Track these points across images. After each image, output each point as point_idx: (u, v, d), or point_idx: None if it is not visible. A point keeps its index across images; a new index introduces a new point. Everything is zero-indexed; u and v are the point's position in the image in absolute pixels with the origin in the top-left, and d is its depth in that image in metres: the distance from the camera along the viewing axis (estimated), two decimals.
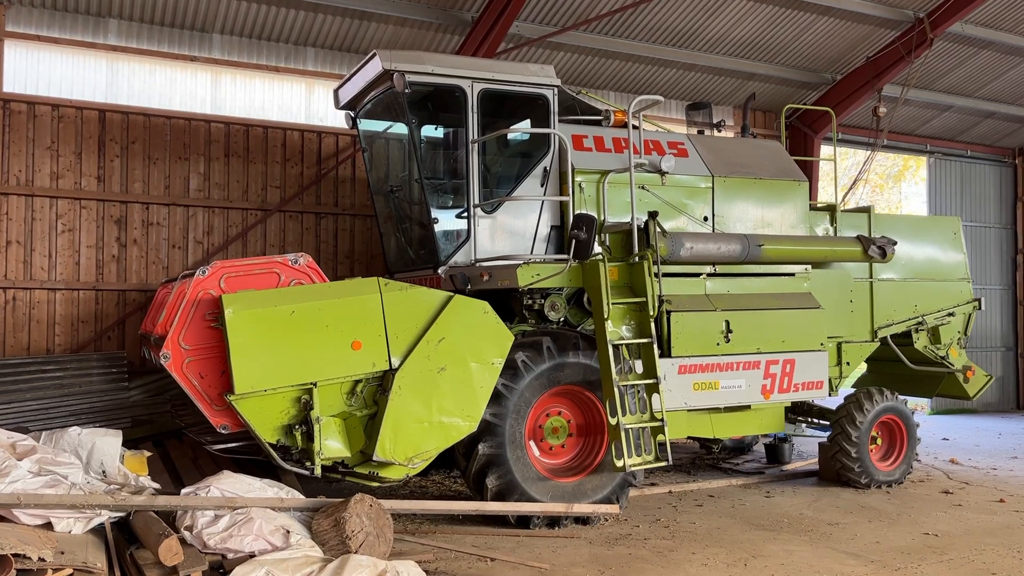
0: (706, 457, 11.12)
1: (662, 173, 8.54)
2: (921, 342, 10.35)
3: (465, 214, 7.99)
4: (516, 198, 7.96)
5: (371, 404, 6.26)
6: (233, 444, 6.31)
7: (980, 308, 10.75)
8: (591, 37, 12.18)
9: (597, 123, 8.92)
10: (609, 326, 7.17)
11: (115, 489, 5.62)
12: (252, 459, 7.15)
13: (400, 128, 9.06)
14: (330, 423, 6.06)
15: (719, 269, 8.73)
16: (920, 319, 10.28)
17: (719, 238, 8.39)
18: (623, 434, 7.06)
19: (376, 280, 6.16)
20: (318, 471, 5.92)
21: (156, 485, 6.02)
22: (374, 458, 6.05)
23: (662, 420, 7.28)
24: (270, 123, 11.27)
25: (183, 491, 5.49)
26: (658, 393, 7.32)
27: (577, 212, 7.28)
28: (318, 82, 11.67)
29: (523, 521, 7.21)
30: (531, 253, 8.15)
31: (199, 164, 10.90)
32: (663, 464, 7.33)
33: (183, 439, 9.81)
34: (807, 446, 11.79)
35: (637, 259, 7.56)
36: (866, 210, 10.19)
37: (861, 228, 10.00)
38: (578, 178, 8.21)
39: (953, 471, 10.38)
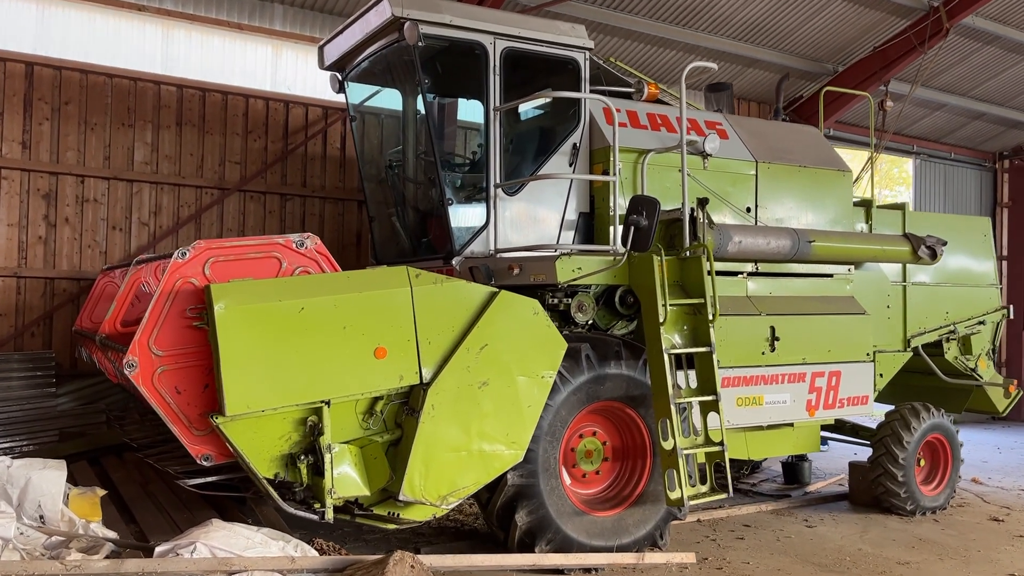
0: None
1: (705, 155, 7.42)
2: (952, 352, 9.51)
3: (484, 196, 6.73)
4: (550, 176, 6.73)
5: (393, 427, 4.96)
6: (215, 478, 4.91)
7: (1010, 317, 10.00)
8: (591, 9, 11.01)
9: (625, 95, 7.78)
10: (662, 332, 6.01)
11: (60, 544, 4.17)
12: (230, 494, 5.74)
13: (396, 95, 7.73)
14: (344, 452, 4.73)
15: (760, 268, 7.67)
16: (952, 327, 9.44)
17: (768, 232, 7.32)
18: (681, 461, 5.91)
19: (405, 270, 4.84)
20: (330, 514, 4.59)
21: (113, 535, 4.58)
22: (400, 497, 4.74)
23: (722, 444, 6.16)
24: (230, 88, 9.76)
25: (158, 549, 4.10)
26: (717, 412, 6.20)
27: (636, 194, 6.09)
28: (287, 44, 10.20)
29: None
30: (557, 243, 6.95)
31: (146, 132, 9.32)
32: (722, 497, 6.21)
33: (123, 456, 8.27)
34: (821, 462, 10.87)
35: (690, 253, 6.43)
36: (901, 207, 9.28)
37: (895, 226, 9.09)
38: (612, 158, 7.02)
39: (984, 493, 9.57)
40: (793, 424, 7.73)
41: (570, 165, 7.03)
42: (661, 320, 5.99)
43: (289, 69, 10.21)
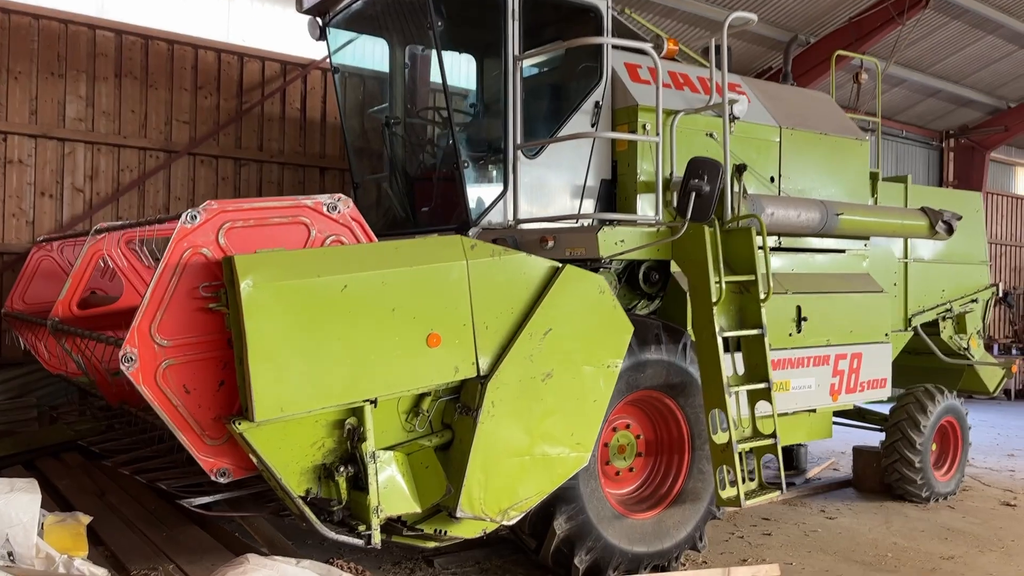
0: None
1: (732, 119, 6.78)
2: (947, 331, 9.22)
3: (501, 159, 5.92)
4: (579, 135, 5.97)
5: (440, 429, 4.14)
6: (222, 495, 3.99)
7: (999, 295, 9.80)
8: None
9: (641, 52, 7.06)
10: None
11: None
12: (242, 514, 4.81)
13: (393, 44, 6.80)
14: (389, 461, 3.88)
15: (782, 243, 7.12)
16: (948, 306, 9.16)
17: (799, 203, 6.74)
18: (737, 457, 5.29)
19: (459, 239, 4.01)
20: (377, 538, 3.75)
21: (104, 572, 3.62)
22: (457, 513, 3.93)
23: (774, 436, 5.57)
24: (177, 36, 8.60)
25: None
26: (769, 400, 5.60)
27: (696, 156, 5.38)
28: None
29: (594, 571, 5.33)
30: (579, 213, 6.22)
31: (79, 84, 8.11)
32: (775, 495, 5.63)
33: (61, 457, 7.15)
34: (812, 447, 10.48)
35: (737, 225, 5.79)
36: (903, 179, 8.90)
37: (898, 199, 8.71)
38: (640, 118, 6.32)
39: (976, 475, 9.36)
40: (816, 410, 7.24)
41: (592, 126, 6.29)
42: (714, 299, 5.33)
43: (244, 17, 9.09)
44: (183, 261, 3.53)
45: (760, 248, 5.65)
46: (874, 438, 9.02)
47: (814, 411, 7.23)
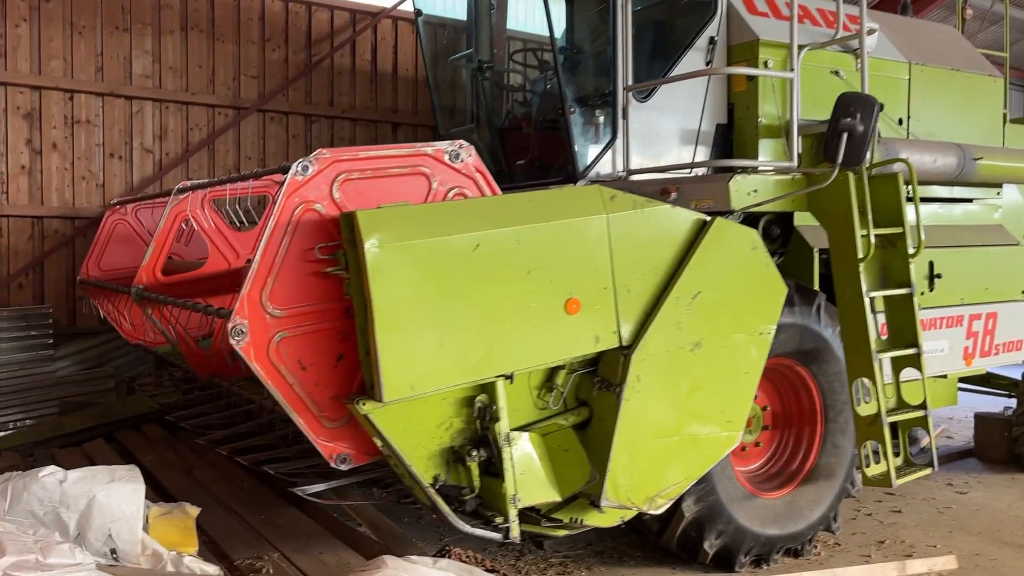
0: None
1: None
2: None
3: (610, 103, 5.36)
4: (699, 73, 5.38)
5: (576, 407, 3.66)
6: (337, 483, 3.57)
7: None
8: None
9: None
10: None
11: None
12: (353, 503, 4.41)
13: None
14: (525, 443, 3.42)
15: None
16: None
17: (934, 148, 6.05)
18: (887, 430, 4.73)
19: (598, 189, 3.48)
20: (516, 531, 3.30)
21: (217, 571, 3.24)
22: (602, 502, 3.46)
23: (924, 407, 5.00)
24: None
25: None
26: (918, 368, 5.01)
27: (847, 92, 4.77)
28: None
29: (724, 562, 4.85)
30: (693, 160, 5.65)
31: (144, 38, 7.70)
32: (927, 472, 5.07)
33: (141, 429, 6.87)
34: None
35: (877, 172, 5.16)
36: None
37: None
38: (761, 54, 5.69)
39: None
40: (947, 376, 6.61)
41: (707, 64, 5.68)
42: (861, 255, 4.74)
43: None
44: (294, 219, 3.06)
45: (911, 200, 5.03)
46: (982, 403, 8.40)
47: (944, 377, 6.61)
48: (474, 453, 3.29)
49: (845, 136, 4.41)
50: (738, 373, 3.86)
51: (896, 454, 5.08)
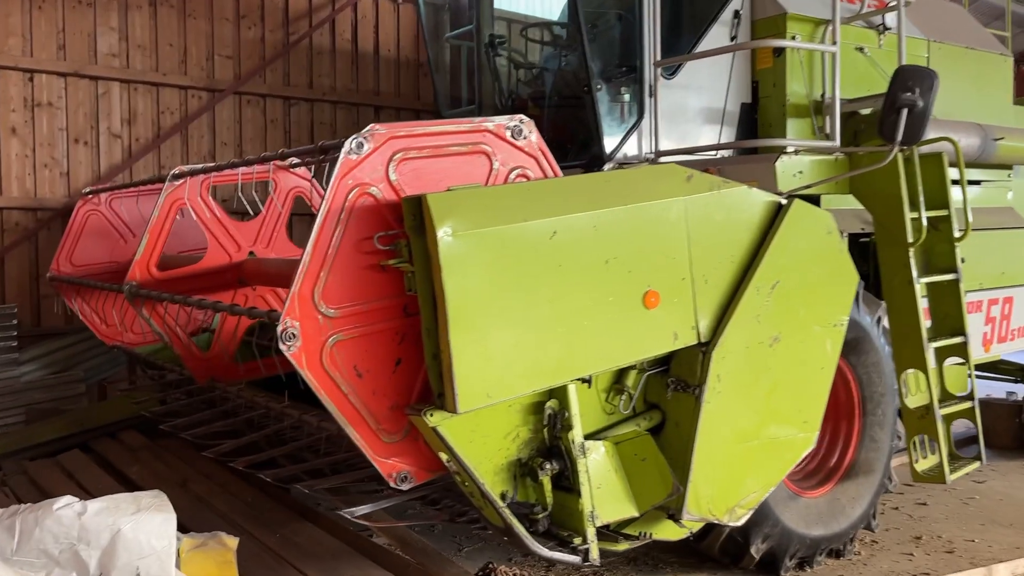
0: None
1: (883, 30, 5.87)
2: None
3: (636, 80, 5.02)
4: (732, 48, 5.06)
5: (645, 410, 3.32)
6: (386, 503, 3.17)
7: None
8: None
9: None
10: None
11: None
12: (411, 524, 4.01)
13: None
14: (600, 453, 3.07)
15: None
16: None
17: (957, 127, 5.85)
18: (940, 424, 4.51)
19: (675, 168, 3.14)
20: (595, 552, 2.95)
21: None
22: (683, 516, 3.13)
23: (971, 398, 4.79)
24: None
25: None
26: (965, 357, 4.80)
27: (904, 64, 4.50)
28: None
29: (768, 566, 4.58)
30: (718, 142, 5.36)
31: (110, 13, 7.12)
32: (975, 467, 4.87)
33: (117, 437, 6.34)
34: None
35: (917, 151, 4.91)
36: None
37: None
38: (789, 28, 5.41)
39: None
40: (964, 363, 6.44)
41: (732, 39, 5.38)
42: (911, 239, 4.49)
43: None
44: (348, 204, 2.66)
45: (956, 182, 4.80)
46: (984, 388, 8.31)
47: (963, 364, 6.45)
48: (547, 466, 2.92)
49: (905, 112, 4.14)
50: (815, 369, 3.57)
51: (933, 450, 4.88)
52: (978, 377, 7.96)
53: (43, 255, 6.77)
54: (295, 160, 4.34)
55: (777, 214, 3.38)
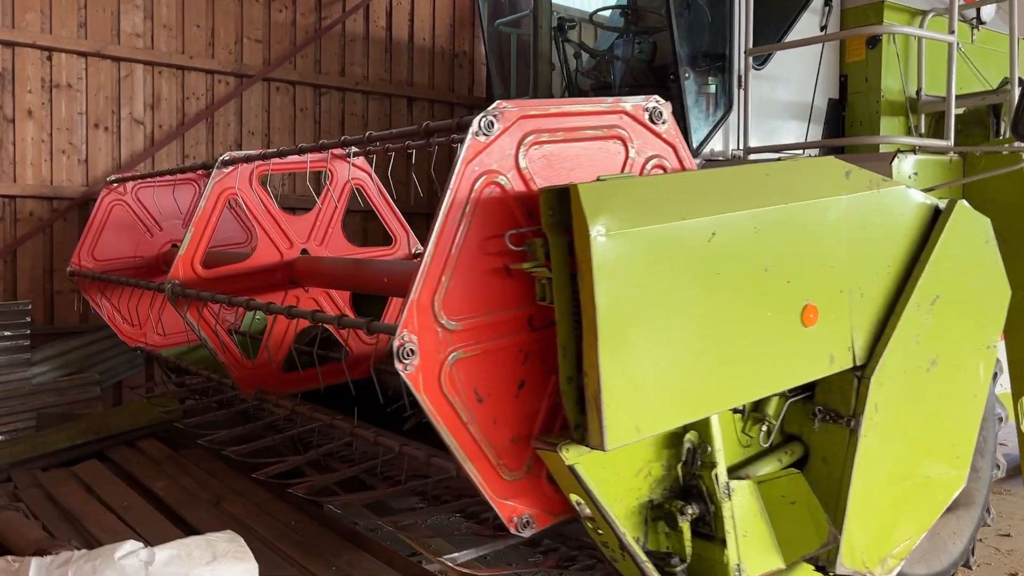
0: None
1: (977, 24, 5.45)
2: None
3: (724, 69, 4.58)
4: (831, 36, 4.63)
5: (783, 443, 2.87)
6: (488, 548, 2.71)
7: None
8: None
9: None
10: None
11: None
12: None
13: None
14: (744, 494, 2.62)
15: None
16: None
17: None
18: None
19: (834, 161, 2.69)
20: None
21: None
22: (837, 569, 2.68)
23: None
24: None
25: None
26: None
27: None
28: None
29: None
30: (806, 139, 4.93)
31: None
32: None
33: (136, 446, 5.86)
34: None
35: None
36: None
37: None
38: (886, 17, 4.99)
39: None
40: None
41: (821, 29, 4.96)
42: None
43: None
44: (474, 195, 2.20)
45: None
46: None
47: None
48: (688, 510, 2.47)
49: None
50: (968, 397, 3.12)
51: None
52: None
53: (58, 247, 6.30)
54: (355, 149, 3.90)
55: (935, 218, 2.93)
